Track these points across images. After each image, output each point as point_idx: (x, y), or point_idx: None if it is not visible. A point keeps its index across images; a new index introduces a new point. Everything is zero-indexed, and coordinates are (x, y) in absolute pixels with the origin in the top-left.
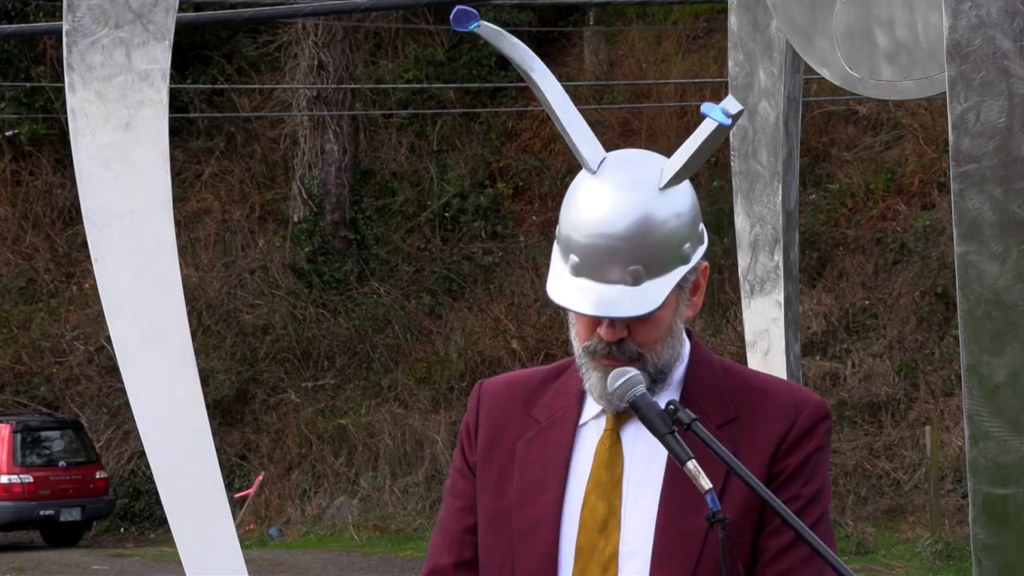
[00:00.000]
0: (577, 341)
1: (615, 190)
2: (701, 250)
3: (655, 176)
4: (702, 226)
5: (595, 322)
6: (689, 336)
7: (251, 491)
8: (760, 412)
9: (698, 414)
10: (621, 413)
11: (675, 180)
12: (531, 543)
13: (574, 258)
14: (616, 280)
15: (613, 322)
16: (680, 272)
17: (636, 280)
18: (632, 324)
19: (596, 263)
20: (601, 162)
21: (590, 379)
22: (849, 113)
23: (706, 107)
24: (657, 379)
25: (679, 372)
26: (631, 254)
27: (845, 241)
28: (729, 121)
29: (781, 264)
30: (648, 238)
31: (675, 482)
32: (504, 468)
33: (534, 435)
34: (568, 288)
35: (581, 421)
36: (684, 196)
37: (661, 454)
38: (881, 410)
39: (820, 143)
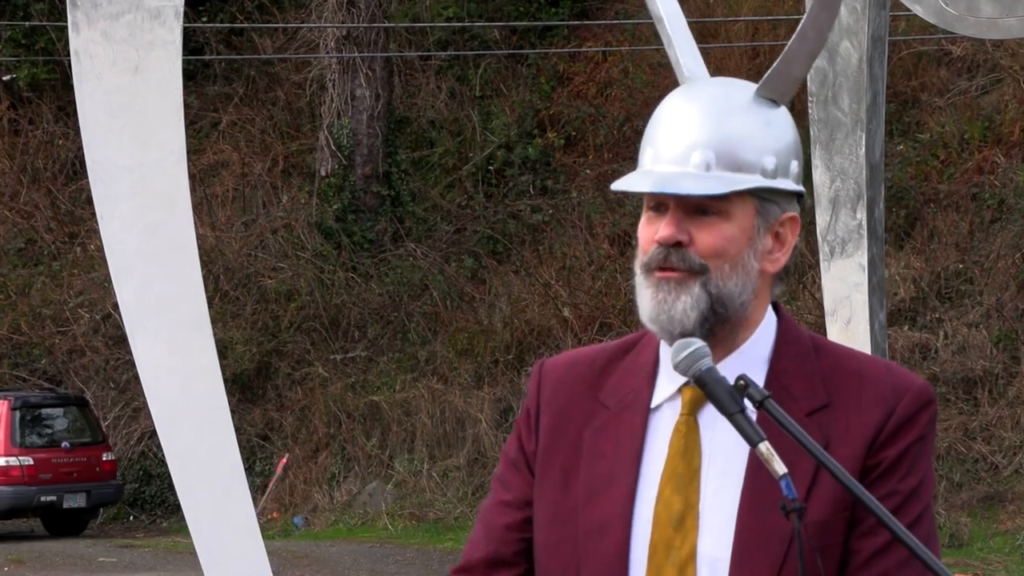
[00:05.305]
0: (637, 264)
1: (708, 86)
2: (790, 186)
3: (754, 87)
4: (797, 166)
5: (656, 231)
6: (776, 309)
7: (277, 474)
8: (855, 399)
9: (785, 399)
10: (696, 391)
11: (773, 84)
12: (599, 543)
13: (649, 151)
14: (684, 164)
15: (674, 218)
16: (756, 181)
17: (706, 168)
18: (695, 229)
19: (667, 149)
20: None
21: (641, 300)
22: (941, 54)
23: None
24: (718, 310)
25: (765, 349)
26: (705, 139)
27: (937, 197)
28: None
29: (864, 223)
30: (726, 126)
31: (758, 475)
32: (570, 461)
33: (603, 422)
34: (632, 176)
35: (653, 404)
36: (781, 117)
37: (742, 442)
38: (977, 386)
39: (908, 87)
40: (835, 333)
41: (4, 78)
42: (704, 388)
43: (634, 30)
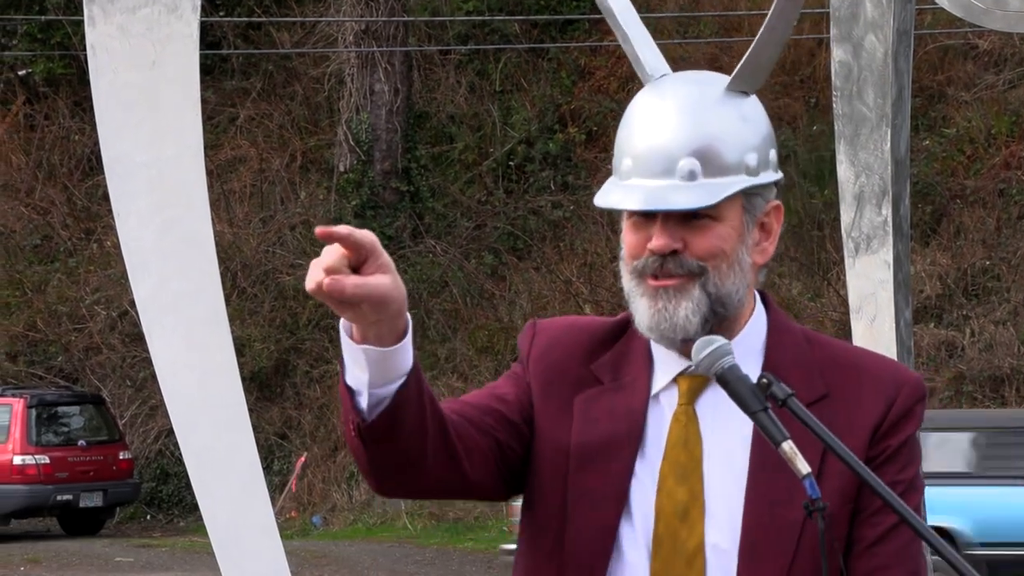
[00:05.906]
0: (625, 267)
1: (677, 85)
2: (772, 177)
3: (723, 81)
4: (774, 154)
5: (646, 238)
6: (764, 300)
7: (296, 473)
8: (854, 390)
9: None
10: (694, 380)
11: (744, 76)
12: (588, 512)
13: (627, 161)
14: (669, 175)
15: (665, 227)
16: (743, 181)
17: (691, 177)
18: (688, 235)
19: (648, 160)
20: (663, 76)
21: (637, 308)
22: (968, 48)
23: None
24: (717, 310)
25: (759, 340)
26: (687, 147)
27: (963, 193)
28: None
29: (890, 219)
30: (706, 130)
31: (762, 468)
32: (559, 416)
33: (596, 394)
34: (615, 190)
35: (652, 392)
36: (754, 108)
37: (742, 433)
38: (1004, 384)
39: (935, 82)
40: (860, 331)
41: (20, 73)
42: (727, 386)
43: (655, 24)
